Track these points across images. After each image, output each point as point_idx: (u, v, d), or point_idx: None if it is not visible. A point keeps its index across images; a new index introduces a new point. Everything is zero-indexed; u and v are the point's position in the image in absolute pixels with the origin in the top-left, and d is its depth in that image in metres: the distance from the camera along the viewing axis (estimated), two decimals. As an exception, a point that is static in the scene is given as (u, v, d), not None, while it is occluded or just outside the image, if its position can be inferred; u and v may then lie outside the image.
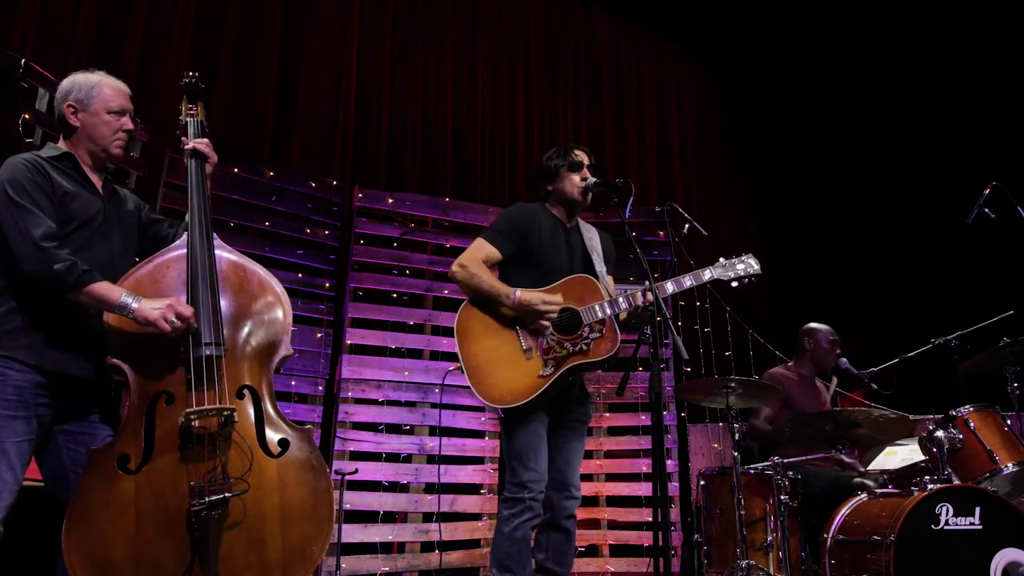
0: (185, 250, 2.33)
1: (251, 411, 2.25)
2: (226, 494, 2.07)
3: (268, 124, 4.96)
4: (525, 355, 2.71)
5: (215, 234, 2.41)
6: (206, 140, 2.52)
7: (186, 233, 2.36)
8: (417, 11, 5.83)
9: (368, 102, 5.44)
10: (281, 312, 2.40)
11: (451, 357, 4.69)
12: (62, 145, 2.34)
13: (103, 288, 2.14)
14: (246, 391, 2.26)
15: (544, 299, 2.71)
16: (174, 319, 2.13)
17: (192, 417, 2.10)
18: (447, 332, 4.78)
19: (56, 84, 3.59)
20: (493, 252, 2.86)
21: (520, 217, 2.94)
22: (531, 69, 6.38)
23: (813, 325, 4.23)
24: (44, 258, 2.08)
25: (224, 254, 2.41)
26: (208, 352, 2.19)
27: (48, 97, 3.65)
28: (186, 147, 2.50)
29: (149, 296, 2.20)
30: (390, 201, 4.91)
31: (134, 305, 2.13)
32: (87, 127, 2.33)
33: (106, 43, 4.32)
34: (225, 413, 2.14)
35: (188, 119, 2.56)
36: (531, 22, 6.48)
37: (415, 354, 4.75)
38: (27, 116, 3.49)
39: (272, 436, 2.24)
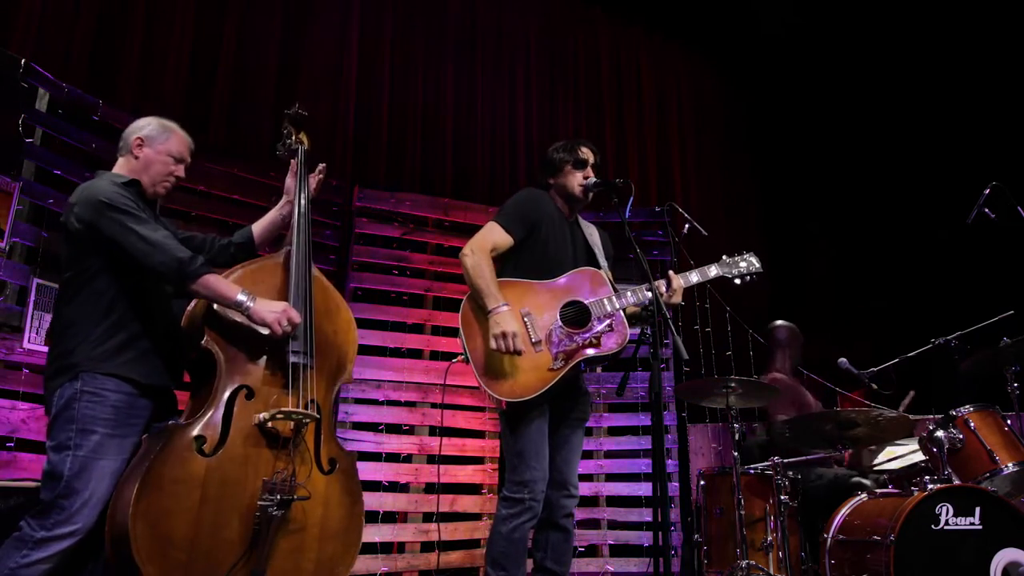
0: (281, 260, 2.52)
1: (313, 425, 2.36)
2: (294, 497, 2.18)
3: (268, 124, 4.95)
4: (534, 348, 2.68)
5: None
6: (320, 178, 2.86)
7: (288, 248, 2.57)
8: (417, 11, 5.83)
9: (368, 102, 5.43)
10: (353, 337, 2.58)
11: (452, 357, 4.70)
12: (122, 172, 2.45)
13: (221, 282, 2.28)
14: (312, 405, 2.36)
15: (525, 338, 2.66)
16: (286, 324, 2.28)
17: (279, 416, 2.21)
18: (447, 332, 4.78)
19: (56, 84, 3.62)
20: (504, 238, 2.83)
21: (531, 203, 2.91)
22: (531, 69, 6.37)
23: (774, 323, 4.31)
24: (169, 249, 2.22)
25: (315, 274, 2.58)
26: (300, 360, 2.34)
27: (48, 97, 3.66)
28: (311, 175, 2.82)
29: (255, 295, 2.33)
30: (391, 201, 4.92)
31: (250, 304, 2.27)
32: (146, 161, 2.47)
33: (106, 43, 4.31)
34: (306, 421, 2.26)
35: (298, 146, 2.83)
36: (531, 22, 6.48)
37: (415, 354, 4.75)
38: (26, 116, 3.49)
39: (326, 453, 2.37)
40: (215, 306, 2.31)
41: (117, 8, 4.40)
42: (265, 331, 2.29)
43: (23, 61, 3.48)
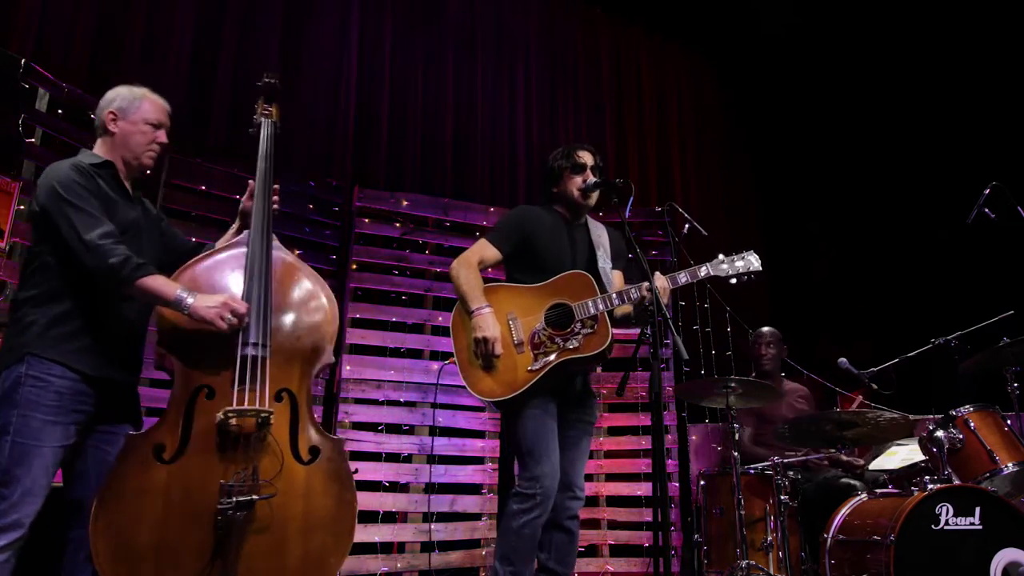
0: (244, 248, 2.39)
1: (287, 415, 2.26)
2: (254, 496, 2.08)
3: (268, 124, 4.95)
4: (516, 349, 2.73)
5: (276, 239, 2.48)
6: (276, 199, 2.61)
7: (246, 232, 2.44)
8: (417, 11, 5.83)
9: (368, 102, 5.43)
10: (328, 319, 2.43)
11: (451, 357, 4.70)
12: (100, 152, 2.39)
13: (158, 282, 2.18)
14: (284, 394, 2.28)
15: (506, 340, 2.72)
16: (230, 316, 2.18)
17: (230, 415, 2.12)
18: (447, 332, 4.76)
19: (56, 84, 3.61)
20: (492, 253, 2.90)
21: (523, 218, 2.98)
22: (531, 69, 6.37)
23: (758, 329, 4.33)
24: (101, 252, 2.12)
25: (281, 255, 2.47)
26: (253, 352, 2.22)
27: (48, 97, 3.66)
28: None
29: (205, 291, 2.24)
30: (391, 201, 4.92)
31: (189, 300, 2.17)
32: (124, 135, 2.39)
33: (106, 43, 4.31)
34: (263, 415, 2.16)
35: (262, 118, 2.67)
36: (531, 22, 6.48)
37: (415, 354, 4.75)
38: (26, 116, 3.49)
39: (304, 443, 2.26)
40: (165, 308, 2.23)
41: (117, 8, 4.40)
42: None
43: (23, 61, 3.47)
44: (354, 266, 4.72)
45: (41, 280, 2.21)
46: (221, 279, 2.33)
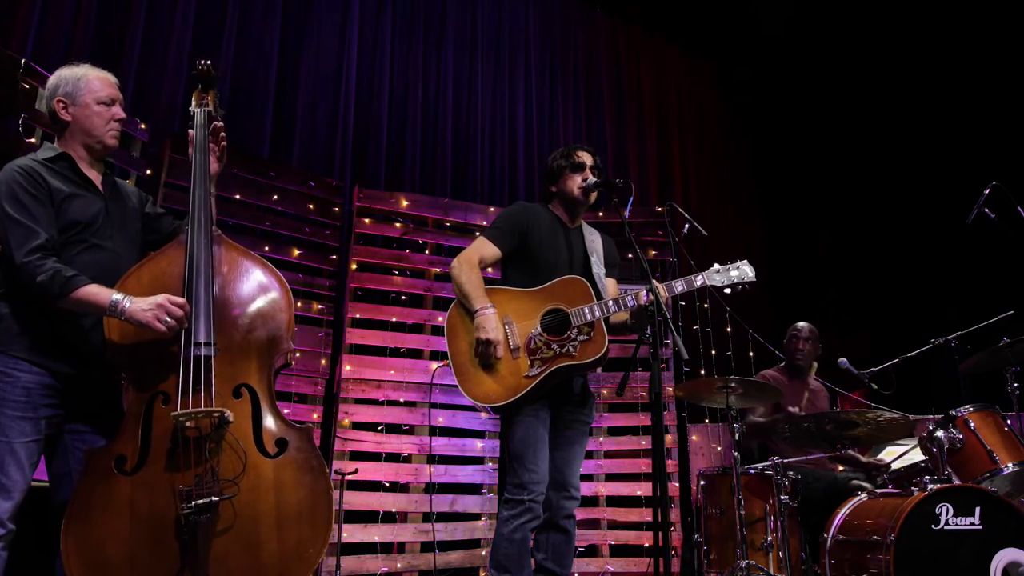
0: (184, 243, 2.28)
1: (248, 410, 2.19)
2: (213, 498, 2.02)
3: (268, 124, 4.96)
4: (512, 354, 2.71)
5: (219, 229, 2.37)
6: (223, 145, 2.49)
7: (186, 227, 2.31)
8: (417, 11, 5.83)
9: (368, 102, 5.44)
10: (282, 306, 2.32)
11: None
12: (57, 145, 2.32)
13: (91, 291, 2.10)
14: (244, 390, 2.21)
15: (504, 345, 2.70)
16: (167, 318, 2.09)
17: (182, 420, 2.05)
18: (447, 332, 4.78)
19: (56, 84, 3.61)
20: (492, 251, 2.87)
21: (520, 214, 2.96)
22: (531, 69, 6.38)
23: (795, 324, 4.25)
24: (28, 271, 2.06)
25: (226, 247, 2.36)
26: (200, 352, 2.14)
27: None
28: (213, 143, 2.47)
29: (148, 294, 2.14)
30: (391, 201, 4.92)
31: (125, 304, 2.09)
32: (79, 120, 2.29)
33: (106, 43, 4.31)
34: (215, 415, 2.08)
35: (197, 109, 2.51)
36: (531, 22, 6.49)
37: (415, 354, 4.75)
38: (26, 116, 3.49)
39: (269, 436, 2.18)
40: (109, 324, 2.15)
41: (117, 8, 4.40)
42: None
43: (23, 61, 3.47)
44: (354, 266, 4.72)
45: (5, 277, 2.16)
46: (166, 280, 2.22)
